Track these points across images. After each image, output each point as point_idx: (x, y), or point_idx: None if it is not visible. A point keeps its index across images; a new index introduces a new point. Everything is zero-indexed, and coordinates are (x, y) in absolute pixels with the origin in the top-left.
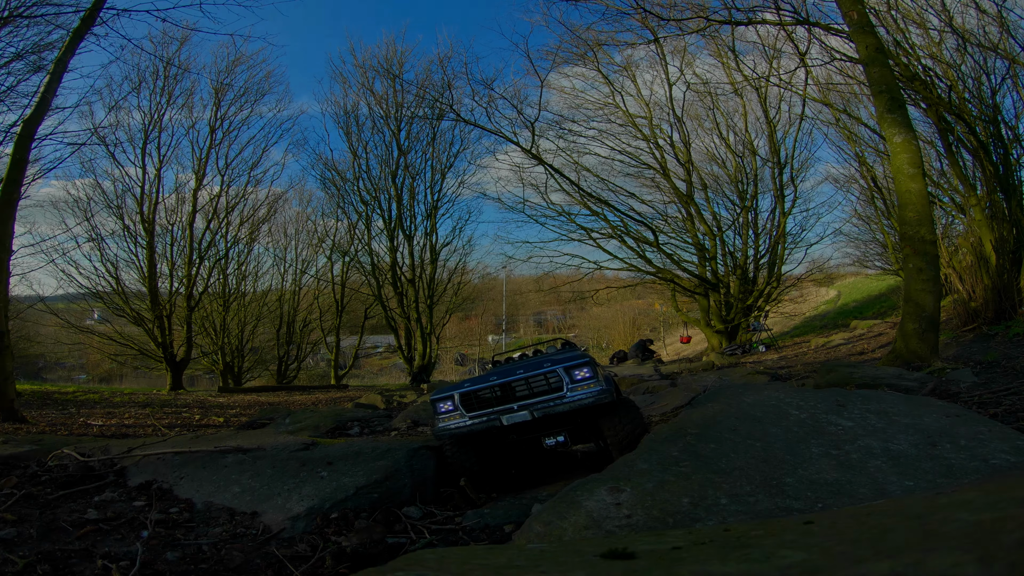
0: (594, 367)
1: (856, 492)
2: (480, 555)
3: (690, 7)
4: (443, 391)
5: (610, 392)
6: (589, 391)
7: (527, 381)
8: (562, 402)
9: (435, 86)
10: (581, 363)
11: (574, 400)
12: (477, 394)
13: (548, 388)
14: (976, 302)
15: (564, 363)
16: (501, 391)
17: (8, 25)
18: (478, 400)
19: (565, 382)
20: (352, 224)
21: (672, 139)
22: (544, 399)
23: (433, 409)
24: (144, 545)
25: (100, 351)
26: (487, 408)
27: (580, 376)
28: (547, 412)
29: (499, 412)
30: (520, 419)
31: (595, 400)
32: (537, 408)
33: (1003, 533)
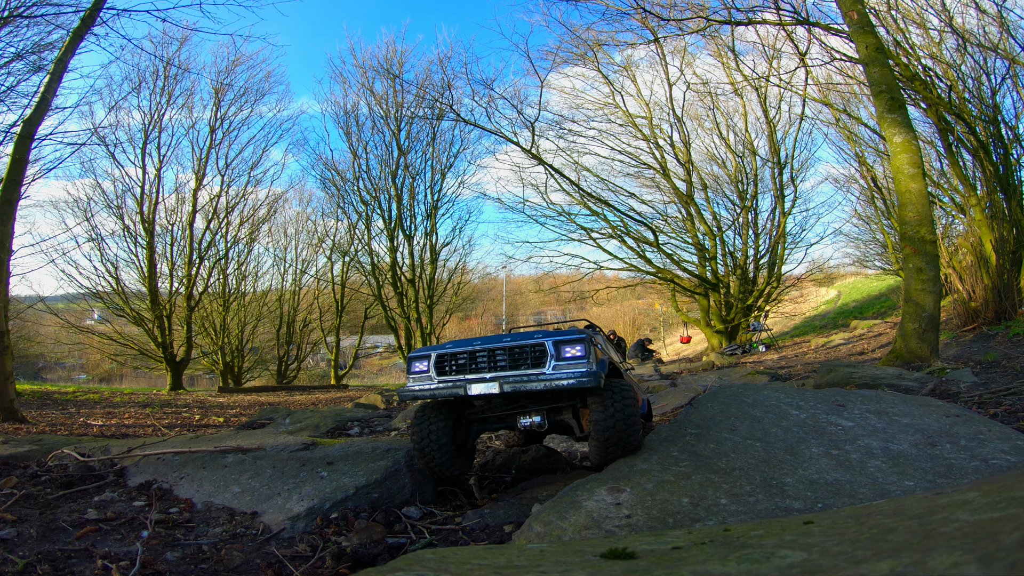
0: (588, 346)
1: (856, 492)
2: (480, 555)
3: (690, 7)
4: (422, 350)
5: (597, 376)
6: (573, 371)
7: (509, 350)
8: (538, 379)
9: (435, 86)
10: (574, 339)
11: (552, 379)
12: (455, 357)
13: (530, 361)
14: (976, 302)
15: (556, 336)
16: (479, 357)
17: (8, 25)
18: (454, 364)
19: (550, 357)
20: (352, 224)
21: (672, 139)
22: (520, 373)
23: (407, 368)
24: (144, 545)
25: (100, 351)
26: (459, 375)
27: (569, 353)
28: (518, 387)
29: (468, 380)
30: (487, 390)
31: (575, 383)
32: (508, 381)
33: (1003, 533)
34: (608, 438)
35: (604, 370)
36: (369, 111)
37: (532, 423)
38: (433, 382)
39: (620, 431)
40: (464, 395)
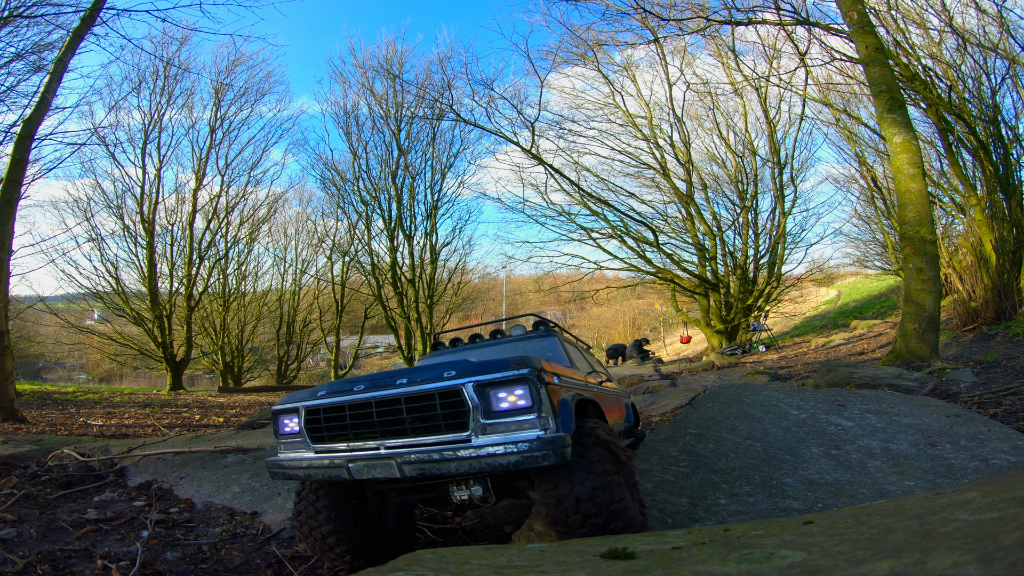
0: (536, 389)
1: (856, 492)
2: (480, 555)
3: (690, 7)
4: (290, 400)
5: (557, 445)
6: (514, 439)
7: (406, 402)
8: (456, 453)
9: (435, 86)
10: (511, 379)
11: (480, 454)
12: (331, 414)
13: (442, 420)
14: (976, 302)
15: (480, 376)
16: (363, 414)
17: (8, 25)
18: (331, 423)
19: (472, 412)
20: (352, 224)
21: (672, 139)
22: (428, 443)
23: (274, 428)
24: (144, 545)
25: (100, 351)
26: (341, 441)
27: (505, 404)
28: (426, 470)
29: (351, 455)
30: (380, 472)
31: (519, 460)
32: (409, 458)
33: (1003, 533)
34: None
35: (569, 427)
36: (369, 111)
37: (472, 497)
38: (308, 452)
39: (598, 518)
40: (348, 478)
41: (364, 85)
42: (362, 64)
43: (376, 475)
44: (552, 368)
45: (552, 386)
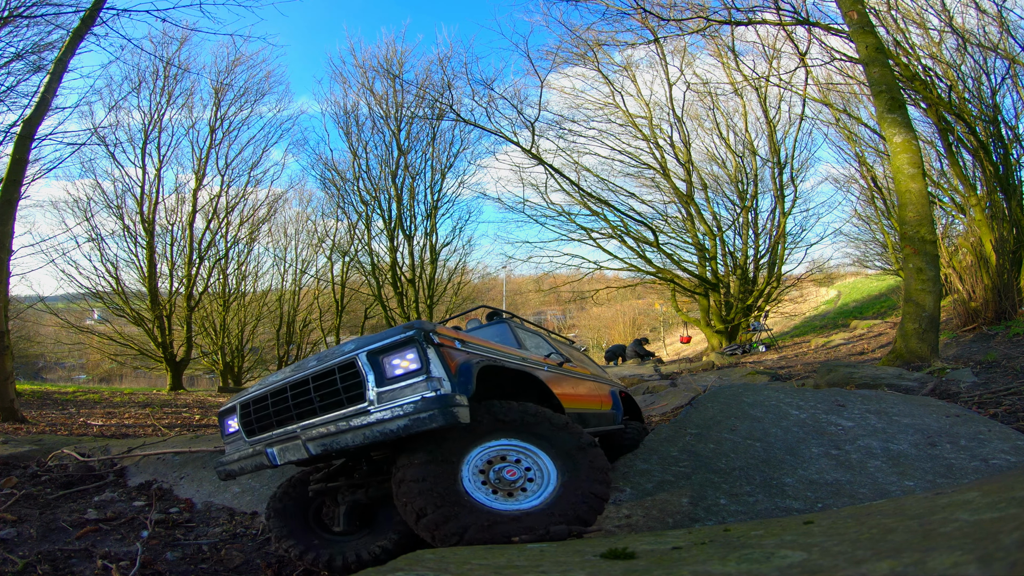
0: (423, 350)
1: (856, 492)
2: (480, 555)
3: (690, 7)
4: (232, 400)
5: (445, 404)
6: (404, 403)
7: (314, 380)
8: (351, 427)
9: (435, 86)
10: (399, 343)
11: (373, 424)
12: (257, 405)
13: (343, 394)
14: (976, 302)
15: (372, 344)
16: (280, 400)
17: (8, 25)
18: (259, 415)
19: (367, 381)
20: (352, 224)
21: (672, 139)
22: (331, 417)
23: (220, 430)
24: (144, 545)
25: (100, 351)
26: (268, 431)
27: (398, 369)
28: (328, 445)
29: (272, 440)
30: (292, 456)
31: (407, 423)
32: (312, 436)
33: (1003, 533)
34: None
35: (467, 390)
36: (369, 111)
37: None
38: (244, 447)
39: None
40: (272, 465)
41: (364, 85)
42: (362, 64)
43: (291, 458)
44: (455, 335)
45: (450, 349)
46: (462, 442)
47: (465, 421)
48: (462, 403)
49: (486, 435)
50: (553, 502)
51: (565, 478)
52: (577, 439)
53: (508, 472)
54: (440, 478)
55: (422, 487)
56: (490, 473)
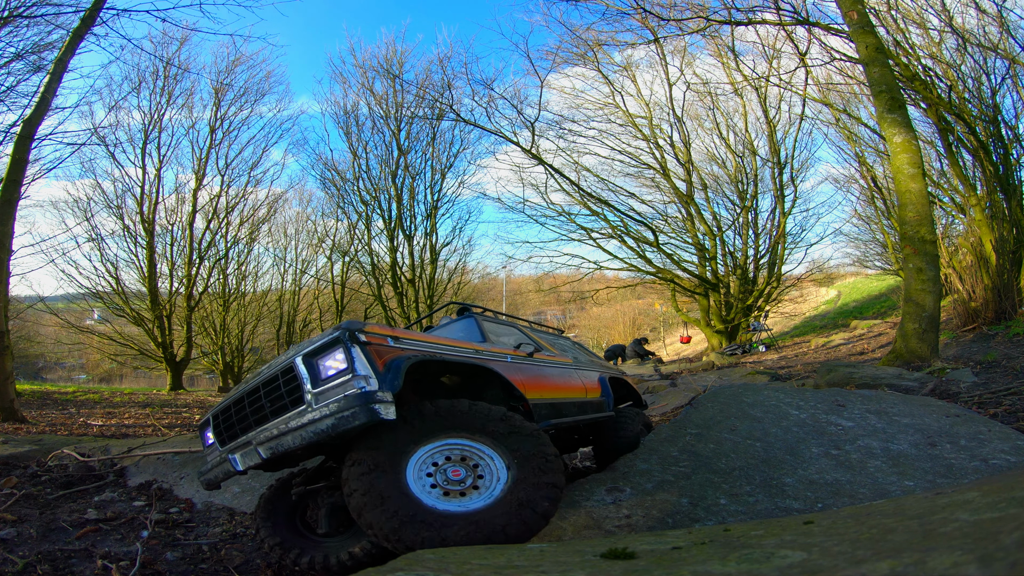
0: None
1: (856, 492)
2: (480, 555)
3: (690, 7)
4: (207, 413)
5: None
6: (331, 403)
7: (261, 388)
8: (289, 428)
9: (435, 86)
10: (328, 344)
11: (306, 424)
12: (225, 415)
13: (286, 399)
14: (976, 302)
15: (308, 346)
16: (241, 407)
17: (8, 25)
18: (227, 424)
19: (306, 386)
20: (352, 224)
21: (672, 139)
22: (277, 422)
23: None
24: (144, 545)
25: (100, 351)
26: (234, 439)
27: (330, 370)
28: (275, 448)
29: (233, 448)
30: (251, 460)
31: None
32: (261, 440)
33: (1003, 533)
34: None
35: (393, 386)
36: (369, 111)
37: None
38: (217, 456)
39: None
40: (236, 471)
41: (364, 85)
42: (362, 64)
43: (249, 463)
44: (389, 332)
45: (379, 347)
46: (405, 443)
47: (388, 418)
48: (385, 399)
49: (431, 435)
50: (503, 499)
51: (515, 473)
52: (522, 432)
53: (453, 472)
54: (384, 481)
55: (366, 491)
56: (438, 474)
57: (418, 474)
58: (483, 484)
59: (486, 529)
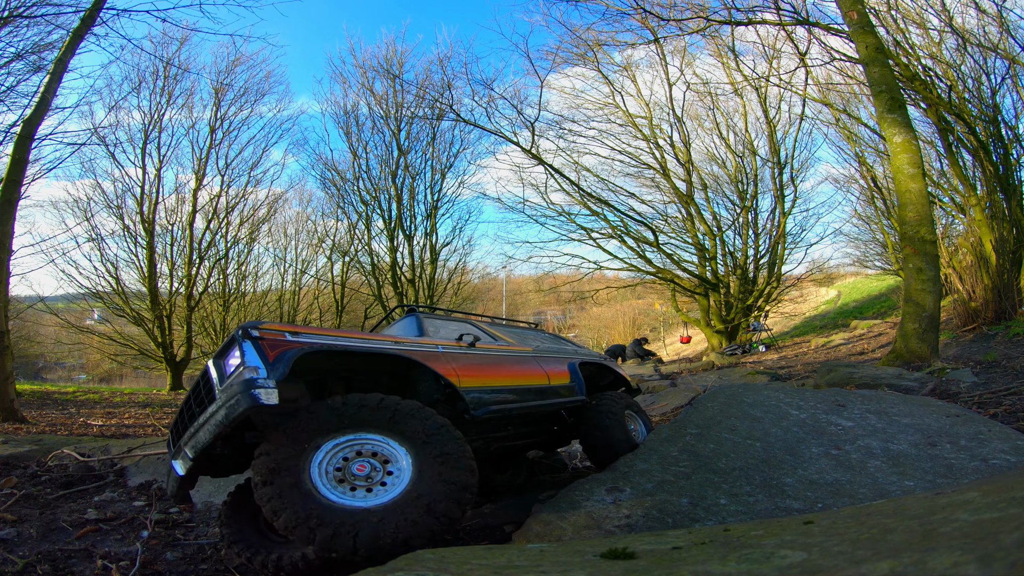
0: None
1: (856, 492)
2: (480, 555)
3: (690, 7)
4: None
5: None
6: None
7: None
8: (201, 424)
9: (435, 86)
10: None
11: (209, 417)
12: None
13: (205, 401)
14: (976, 302)
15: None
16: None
17: (8, 25)
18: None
19: (216, 386)
20: (352, 224)
21: (672, 139)
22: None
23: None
24: (144, 545)
25: (100, 351)
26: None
27: (232, 367)
28: (195, 446)
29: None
30: (186, 463)
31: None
32: (187, 440)
33: (1003, 533)
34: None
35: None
36: (369, 111)
37: None
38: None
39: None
40: (178, 475)
41: (364, 85)
42: (362, 64)
43: (185, 466)
44: (287, 328)
45: (272, 341)
46: (307, 439)
47: (268, 402)
48: (267, 385)
49: (334, 430)
50: (408, 495)
51: (419, 469)
52: (430, 427)
53: (358, 467)
54: (287, 478)
55: (270, 489)
56: (346, 469)
57: (326, 468)
58: (391, 480)
59: (378, 529)
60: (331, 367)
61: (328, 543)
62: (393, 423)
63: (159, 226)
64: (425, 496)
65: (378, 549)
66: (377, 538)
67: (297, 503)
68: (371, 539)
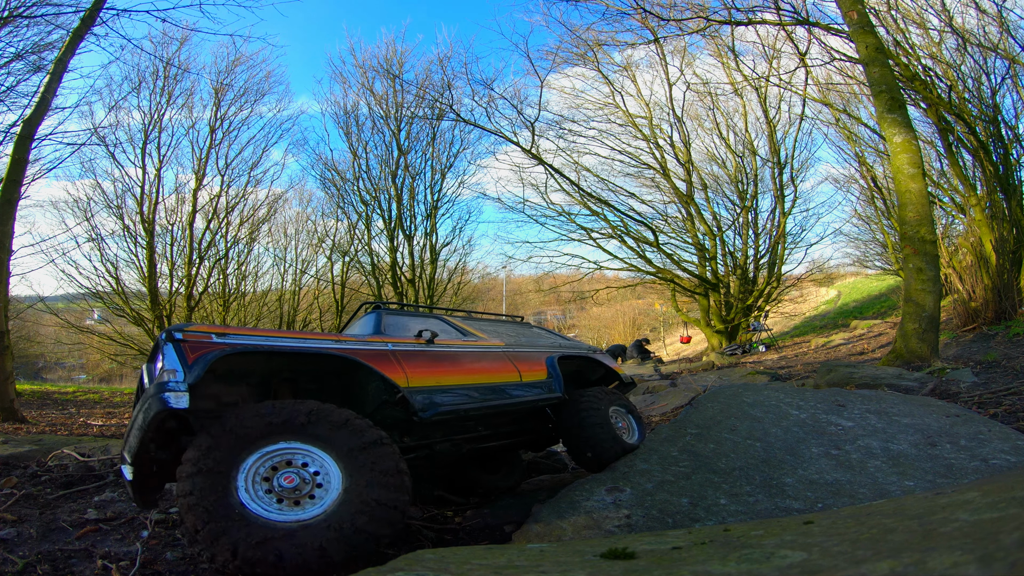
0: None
1: (856, 492)
2: (480, 555)
3: (690, 7)
4: None
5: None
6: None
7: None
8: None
9: (435, 86)
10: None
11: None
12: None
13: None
14: (976, 302)
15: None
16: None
17: (8, 25)
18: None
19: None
20: (352, 224)
21: (672, 139)
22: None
23: None
24: (144, 545)
25: (100, 351)
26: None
27: (157, 372)
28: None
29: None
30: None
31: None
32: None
33: (1003, 533)
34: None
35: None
36: (369, 111)
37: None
38: None
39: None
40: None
41: (364, 85)
42: (362, 64)
43: (129, 472)
44: (213, 329)
45: (195, 343)
46: (233, 449)
47: (177, 406)
48: (178, 388)
49: (261, 439)
50: (333, 512)
51: (348, 483)
52: (359, 437)
53: (285, 479)
54: (210, 490)
55: (190, 501)
56: (275, 480)
57: (253, 480)
58: (320, 493)
59: (301, 546)
60: (273, 369)
61: (250, 560)
62: (323, 433)
63: (159, 226)
64: (349, 514)
65: (301, 567)
66: (299, 555)
67: (217, 516)
68: (293, 556)
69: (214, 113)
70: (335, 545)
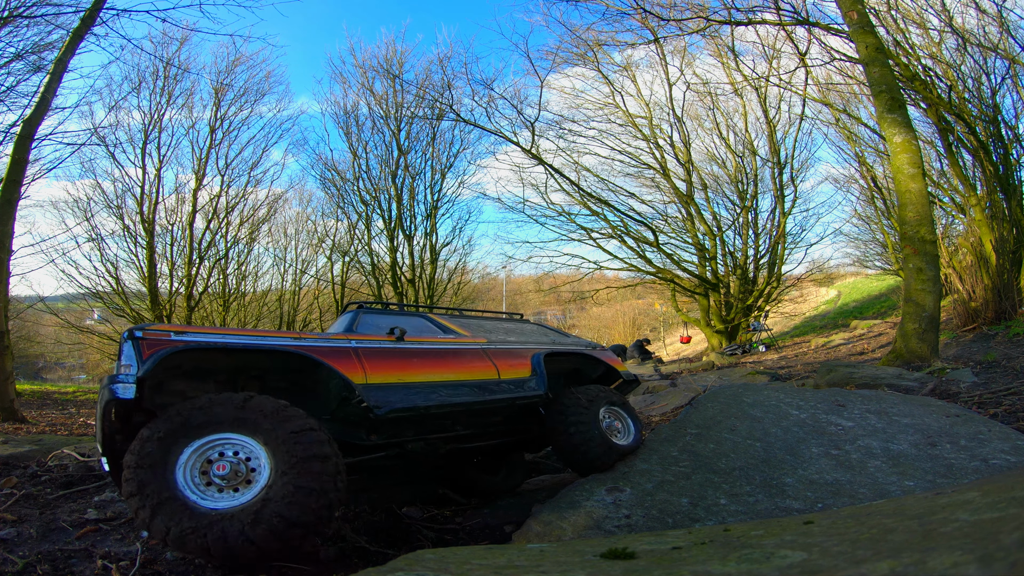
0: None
1: (856, 492)
2: (480, 555)
3: (690, 7)
4: None
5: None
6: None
7: None
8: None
9: (435, 86)
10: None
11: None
12: None
13: None
14: (976, 302)
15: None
16: None
17: (8, 25)
18: None
19: None
20: (352, 224)
21: (672, 139)
22: None
23: None
24: (144, 545)
25: (100, 351)
26: None
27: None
28: (99, 440)
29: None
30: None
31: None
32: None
33: (1003, 533)
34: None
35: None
36: (369, 111)
37: None
38: None
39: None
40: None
41: (364, 85)
42: (362, 64)
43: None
44: (174, 328)
45: (154, 341)
46: (172, 439)
47: (124, 396)
48: (125, 380)
49: (198, 429)
50: (262, 499)
51: (278, 472)
52: (286, 425)
53: (219, 467)
54: (151, 478)
55: (130, 488)
56: (210, 471)
57: (192, 469)
58: (255, 479)
59: (226, 531)
60: (238, 366)
61: (180, 543)
62: (253, 423)
63: (159, 226)
64: (276, 500)
65: (227, 551)
66: (225, 540)
67: (159, 505)
68: (219, 541)
69: (214, 113)
70: (256, 529)
